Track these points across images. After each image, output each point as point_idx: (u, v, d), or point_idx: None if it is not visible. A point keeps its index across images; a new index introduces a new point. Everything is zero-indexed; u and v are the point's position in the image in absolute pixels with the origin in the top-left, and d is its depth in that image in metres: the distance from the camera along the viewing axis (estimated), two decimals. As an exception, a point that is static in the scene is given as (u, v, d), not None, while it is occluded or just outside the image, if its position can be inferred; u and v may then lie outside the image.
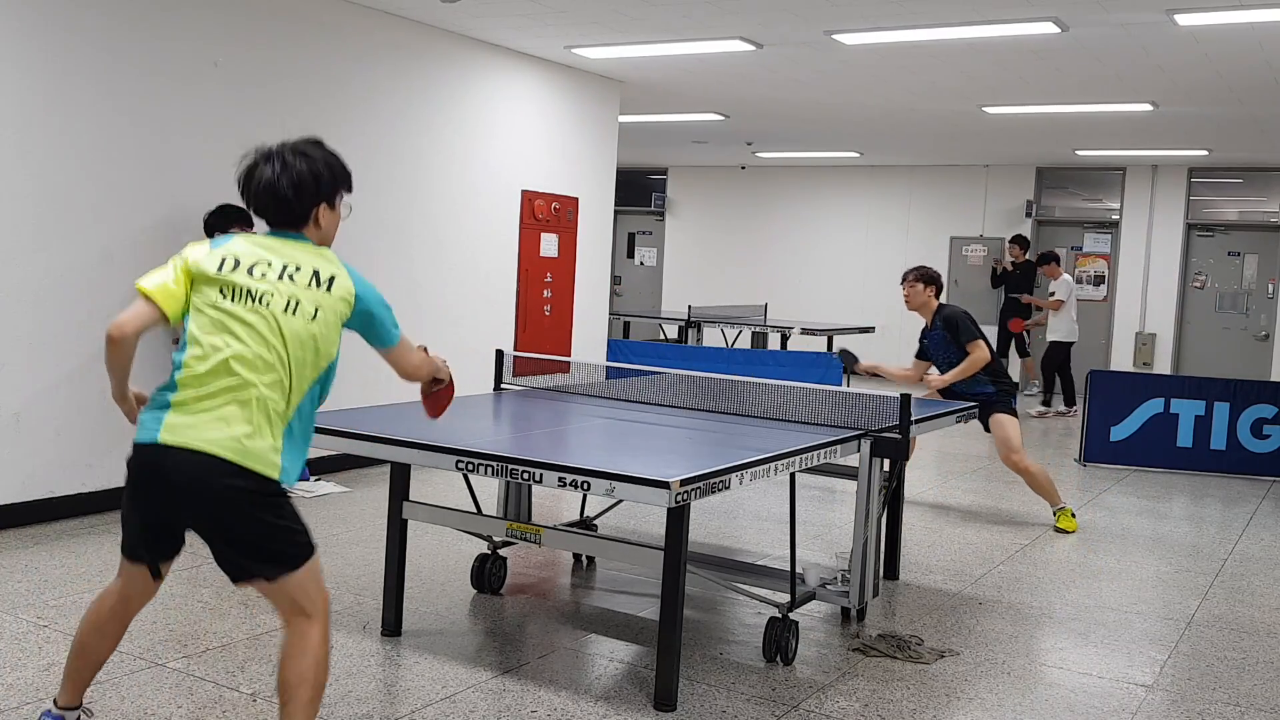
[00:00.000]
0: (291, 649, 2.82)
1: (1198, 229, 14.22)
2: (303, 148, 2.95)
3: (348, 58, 7.18)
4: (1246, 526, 7.05)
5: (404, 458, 3.80)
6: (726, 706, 3.72)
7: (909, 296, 6.65)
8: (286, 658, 2.82)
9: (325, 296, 2.85)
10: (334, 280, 2.87)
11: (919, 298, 6.62)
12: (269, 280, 2.81)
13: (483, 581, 4.84)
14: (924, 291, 6.60)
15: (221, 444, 2.71)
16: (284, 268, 2.83)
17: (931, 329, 6.65)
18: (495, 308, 8.58)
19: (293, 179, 2.88)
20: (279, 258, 2.85)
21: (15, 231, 5.48)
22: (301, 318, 2.81)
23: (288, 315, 2.80)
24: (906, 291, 6.66)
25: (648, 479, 3.26)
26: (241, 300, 2.78)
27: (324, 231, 2.97)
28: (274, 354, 2.78)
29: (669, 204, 17.56)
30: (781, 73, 8.92)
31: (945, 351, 6.59)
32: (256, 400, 2.75)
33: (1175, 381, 9.27)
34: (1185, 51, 7.49)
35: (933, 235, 15.44)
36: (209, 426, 2.72)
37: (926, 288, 6.60)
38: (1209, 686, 4.18)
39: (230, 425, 2.72)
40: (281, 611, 2.87)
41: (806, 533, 6.15)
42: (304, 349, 2.82)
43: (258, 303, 2.78)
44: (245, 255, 2.84)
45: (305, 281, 2.84)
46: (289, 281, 2.82)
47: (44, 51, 5.53)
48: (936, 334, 6.62)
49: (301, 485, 6.74)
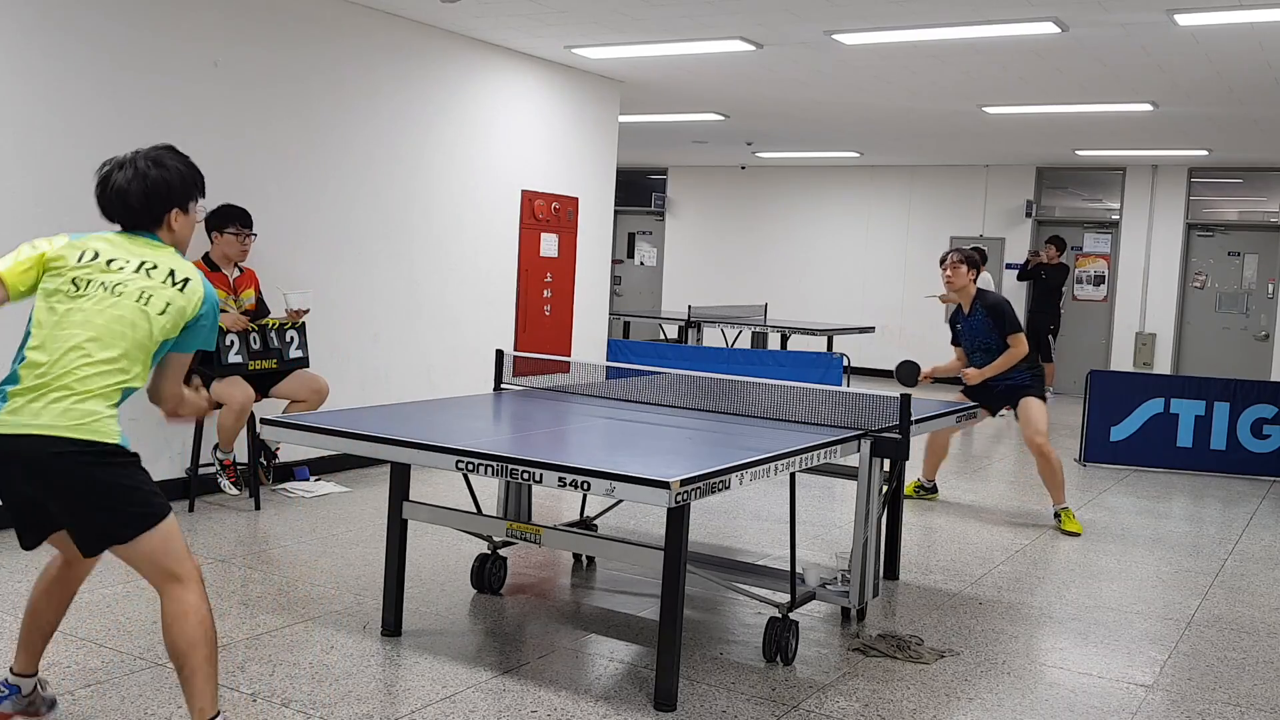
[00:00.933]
0: (172, 616, 2.92)
1: (1198, 229, 14.23)
2: (156, 155, 3.14)
3: (348, 57, 7.18)
4: (1246, 526, 7.05)
5: (404, 458, 3.80)
6: (726, 706, 3.72)
7: (951, 279, 6.41)
8: (170, 627, 2.92)
9: (178, 295, 3.04)
10: (188, 282, 3.06)
11: (961, 280, 6.40)
12: (125, 273, 3.00)
13: (483, 581, 4.84)
14: (966, 274, 6.40)
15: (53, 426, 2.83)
16: (141, 263, 3.04)
17: (970, 314, 6.47)
18: (495, 308, 8.58)
19: (144, 186, 3.08)
20: (136, 255, 3.05)
21: (15, 230, 5.46)
22: (153, 309, 2.99)
23: (139, 305, 2.97)
24: (949, 274, 6.41)
25: (648, 479, 3.26)
26: (94, 291, 2.96)
27: (177, 235, 3.16)
28: (122, 341, 2.93)
29: (669, 204, 17.57)
30: (781, 73, 8.92)
31: (985, 338, 6.44)
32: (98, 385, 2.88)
33: (1175, 381, 9.27)
34: (1185, 51, 7.49)
35: (933, 235, 15.44)
36: (44, 412, 2.84)
37: (970, 270, 6.40)
38: (1209, 686, 4.18)
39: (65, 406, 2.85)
40: (153, 580, 2.97)
41: (806, 533, 6.15)
42: (150, 340, 2.99)
43: (111, 292, 2.96)
44: (104, 250, 3.05)
45: (161, 279, 3.03)
46: (145, 275, 3.02)
47: (43, 52, 5.54)
48: (976, 320, 6.44)
49: (302, 485, 6.74)
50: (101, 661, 3.82)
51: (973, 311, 6.46)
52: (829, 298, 15.85)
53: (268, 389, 6.23)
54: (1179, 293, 14.12)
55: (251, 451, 6.26)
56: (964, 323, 6.54)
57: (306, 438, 3.98)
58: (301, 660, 3.94)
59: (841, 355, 10.15)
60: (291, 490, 6.64)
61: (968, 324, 6.51)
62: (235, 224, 6.08)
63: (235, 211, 6.12)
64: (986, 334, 6.42)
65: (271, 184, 6.71)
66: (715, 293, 16.27)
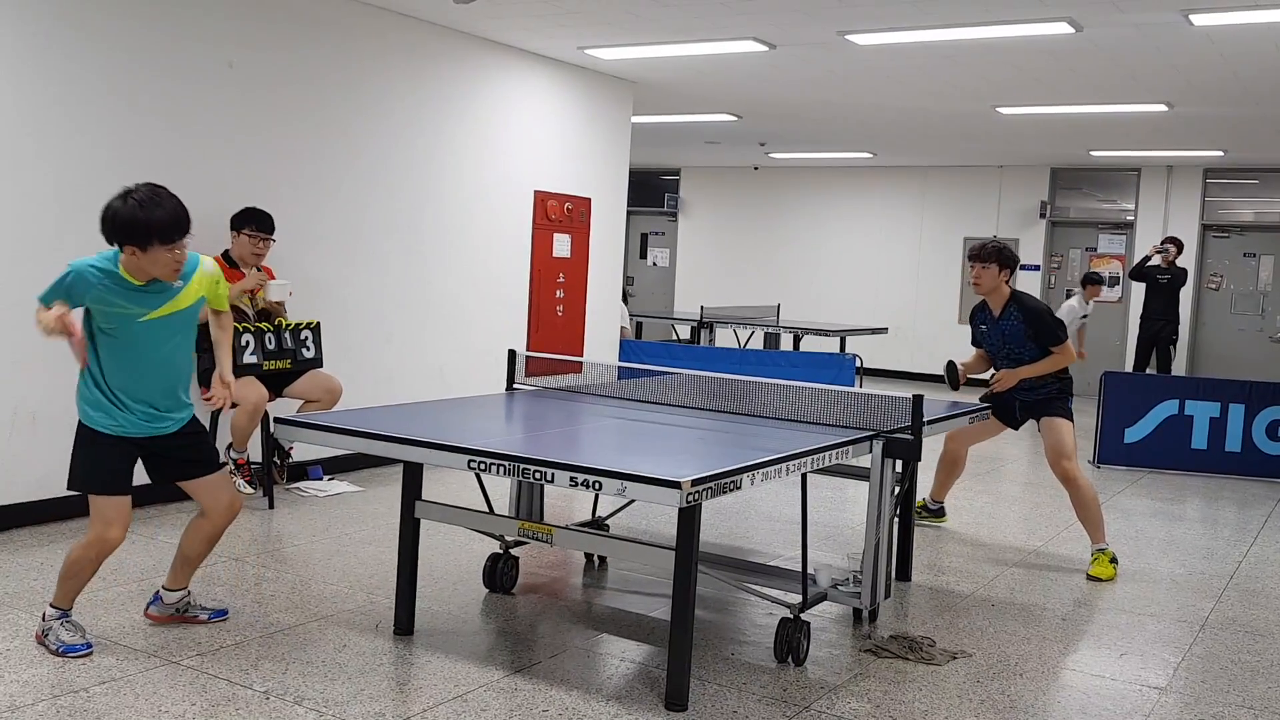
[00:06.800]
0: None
1: (1213, 230, 14.16)
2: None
3: (361, 59, 7.20)
4: (1261, 529, 7.02)
5: (417, 457, 3.81)
6: (738, 707, 3.72)
7: (979, 279, 5.75)
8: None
9: None
10: None
11: (991, 281, 5.73)
12: None
13: (495, 581, 4.85)
14: (999, 274, 5.72)
15: None
16: None
17: (1001, 317, 5.78)
18: (508, 308, 8.60)
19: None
20: None
21: (32, 232, 5.52)
22: None
23: None
24: (977, 273, 5.75)
25: (659, 479, 3.26)
26: None
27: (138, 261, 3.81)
28: None
29: (682, 204, 17.57)
30: (794, 73, 8.92)
31: (1017, 346, 5.78)
32: None
33: (1190, 383, 9.23)
34: (1200, 52, 7.46)
35: (946, 236, 15.42)
36: None
37: (1002, 270, 5.72)
38: (1223, 689, 4.16)
39: None
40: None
41: (818, 533, 6.15)
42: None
43: None
44: None
45: None
46: None
47: (60, 54, 5.57)
48: (1009, 324, 5.75)
49: (315, 484, 6.77)
50: (116, 659, 3.85)
51: (1005, 315, 5.78)
52: (842, 299, 15.82)
53: (281, 389, 6.25)
54: (1194, 294, 14.04)
55: (265, 451, 6.28)
56: (992, 326, 5.86)
57: (320, 437, 4.00)
58: (314, 658, 3.95)
59: (854, 356, 10.14)
60: (305, 489, 6.66)
61: (997, 328, 5.83)
62: (251, 225, 6.13)
63: (255, 214, 6.17)
64: (1020, 342, 5.75)
65: (284, 185, 6.74)
66: (728, 293, 16.27)
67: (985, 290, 5.80)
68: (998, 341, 5.88)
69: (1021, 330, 5.75)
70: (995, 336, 5.87)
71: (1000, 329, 5.83)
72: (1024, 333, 5.74)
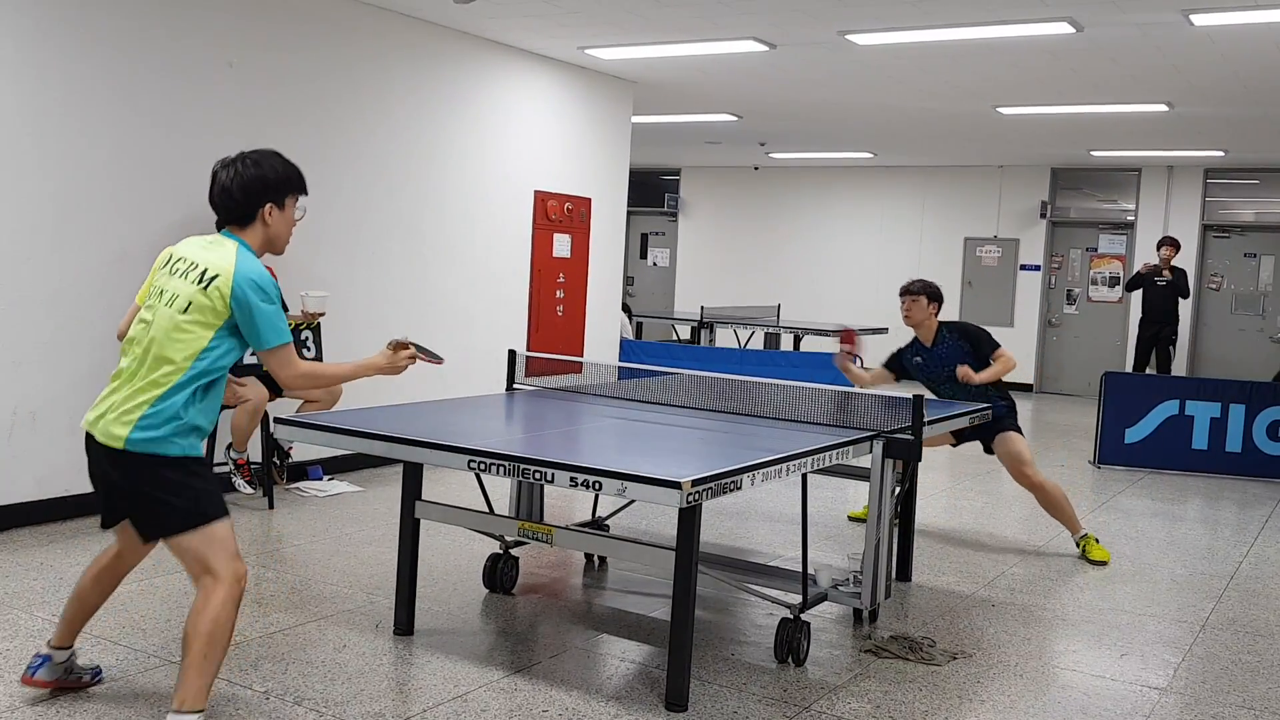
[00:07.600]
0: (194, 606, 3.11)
1: (1214, 230, 14.15)
2: (256, 156, 3.38)
3: (361, 58, 7.20)
4: (1262, 529, 7.02)
5: (417, 457, 3.81)
6: (738, 707, 3.72)
7: (910, 312, 6.11)
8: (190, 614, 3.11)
9: (199, 294, 3.13)
10: (214, 280, 3.14)
11: (921, 313, 6.09)
12: (175, 276, 3.20)
13: (495, 581, 4.85)
14: (928, 307, 6.09)
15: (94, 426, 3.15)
16: (192, 264, 3.20)
17: (935, 344, 6.12)
18: (508, 308, 8.60)
19: (242, 182, 3.29)
20: (193, 256, 3.22)
21: (32, 232, 5.51)
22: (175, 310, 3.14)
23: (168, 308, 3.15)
24: (908, 306, 6.11)
25: (659, 479, 3.26)
26: (158, 297, 3.20)
27: (272, 229, 3.34)
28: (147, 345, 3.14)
29: (682, 205, 17.56)
30: (795, 73, 8.91)
31: (957, 363, 6.01)
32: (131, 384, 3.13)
33: (1190, 383, 9.22)
34: (1201, 52, 7.46)
35: (947, 236, 15.41)
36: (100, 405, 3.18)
37: (931, 303, 6.09)
38: (1223, 689, 4.16)
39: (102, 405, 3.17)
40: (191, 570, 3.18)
41: (818, 534, 6.15)
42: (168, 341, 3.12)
43: (159, 297, 3.19)
44: (178, 252, 3.27)
45: (194, 279, 3.16)
46: (181, 278, 3.18)
47: (59, 53, 5.57)
48: (944, 348, 6.09)
49: (315, 484, 6.77)
50: (116, 659, 3.84)
51: (939, 341, 6.11)
52: (842, 299, 15.81)
53: (281, 389, 6.25)
54: (1195, 294, 14.03)
55: (265, 451, 6.28)
56: (927, 356, 6.15)
57: (320, 437, 3.99)
58: (314, 658, 3.95)
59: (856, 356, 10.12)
60: (305, 489, 6.66)
61: (933, 356, 6.12)
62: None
63: None
64: (960, 358, 6.00)
65: (286, 184, 6.73)
66: (728, 293, 16.27)
67: (916, 322, 6.15)
68: (937, 367, 6.16)
69: (960, 348, 6.08)
70: (934, 364, 6.16)
71: (936, 355, 6.15)
72: (963, 349, 6.07)
